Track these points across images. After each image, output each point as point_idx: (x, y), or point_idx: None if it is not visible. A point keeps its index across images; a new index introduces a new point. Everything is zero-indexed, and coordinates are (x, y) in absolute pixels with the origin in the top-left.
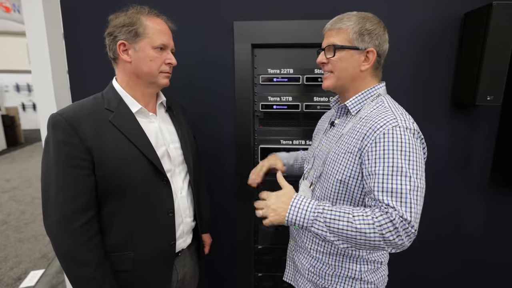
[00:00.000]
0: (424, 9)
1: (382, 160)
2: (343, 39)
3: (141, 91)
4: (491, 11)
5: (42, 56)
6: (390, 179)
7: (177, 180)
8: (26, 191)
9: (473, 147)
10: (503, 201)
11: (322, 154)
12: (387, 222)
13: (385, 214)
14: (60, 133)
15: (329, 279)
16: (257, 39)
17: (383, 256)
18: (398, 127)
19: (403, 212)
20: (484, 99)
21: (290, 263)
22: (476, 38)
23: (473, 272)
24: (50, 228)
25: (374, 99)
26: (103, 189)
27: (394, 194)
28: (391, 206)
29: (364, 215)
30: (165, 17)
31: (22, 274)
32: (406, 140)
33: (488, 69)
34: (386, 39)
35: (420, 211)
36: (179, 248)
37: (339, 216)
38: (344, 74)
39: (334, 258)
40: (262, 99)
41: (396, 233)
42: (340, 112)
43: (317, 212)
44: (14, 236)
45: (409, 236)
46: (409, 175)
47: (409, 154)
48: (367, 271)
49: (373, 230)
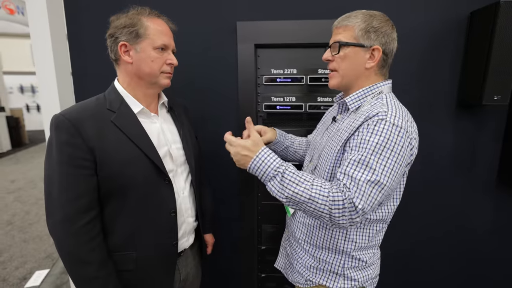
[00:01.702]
0: (430, 8)
1: (357, 148)
2: (349, 36)
3: (142, 91)
4: (498, 9)
5: (46, 57)
6: (355, 166)
7: (179, 180)
8: (31, 191)
9: (479, 147)
10: (511, 202)
11: (320, 147)
12: (339, 200)
13: (341, 192)
14: (63, 133)
15: (314, 272)
16: (260, 39)
17: (370, 256)
18: (384, 121)
19: (354, 197)
20: (491, 98)
21: (283, 252)
22: (482, 37)
23: (477, 270)
24: (53, 228)
25: (375, 96)
26: (105, 189)
27: (353, 179)
28: (347, 187)
29: (322, 186)
30: (165, 17)
31: (27, 274)
32: (387, 135)
33: (495, 68)
34: (394, 37)
35: (373, 204)
36: (182, 248)
37: (298, 181)
38: (348, 71)
39: (320, 251)
40: (266, 99)
41: (342, 212)
42: (341, 108)
43: (278, 171)
44: (19, 237)
45: (351, 220)
46: (374, 167)
47: (383, 148)
48: (350, 268)
49: (325, 202)
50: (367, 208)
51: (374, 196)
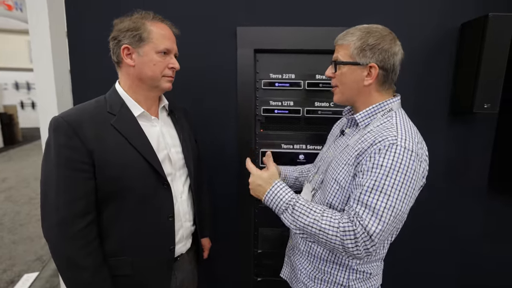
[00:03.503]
0: (424, 20)
1: (369, 173)
2: (345, 54)
3: (144, 95)
4: (487, 22)
5: (45, 54)
6: (369, 193)
7: (178, 184)
8: (23, 191)
9: (471, 154)
10: (502, 209)
11: (327, 160)
12: (350, 231)
13: (351, 222)
14: (62, 136)
15: (318, 283)
16: (259, 44)
17: (373, 267)
18: (395, 145)
19: (369, 225)
20: (481, 107)
21: (288, 261)
22: (473, 48)
23: (468, 278)
24: (49, 231)
25: (385, 113)
26: (103, 192)
27: (368, 207)
28: (360, 215)
29: (332, 217)
30: (169, 22)
31: (15, 277)
32: (399, 160)
33: (484, 78)
34: (393, 52)
35: (388, 231)
36: (179, 252)
37: (308, 213)
38: (347, 88)
39: (324, 264)
40: (264, 103)
41: (355, 243)
42: (350, 123)
43: (289, 204)
44: (8, 238)
45: (366, 250)
46: (389, 193)
47: (396, 173)
48: (355, 280)
49: (336, 234)
50: (380, 235)
51: (388, 221)
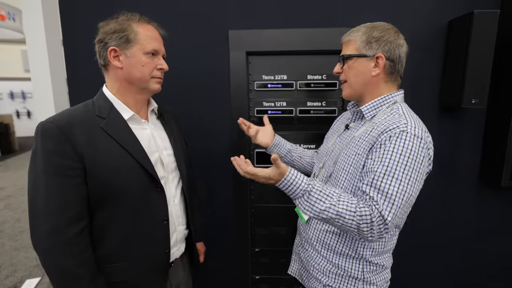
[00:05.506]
0: (414, 17)
1: (380, 159)
2: (352, 49)
3: (133, 97)
4: (472, 19)
5: (42, 63)
6: (381, 178)
7: (170, 187)
8: (22, 198)
9: (461, 149)
10: (492, 201)
11: (334, 154)
12: (367, 215)
13: (368, 207)
14: (50, 141)
15: (333, 277)
16: (251, 47)
17: (386, 259)
18: (406, 132)
19: (383, 210)
20: (469, 102)
21: (296, 258)
22: (460, 44)
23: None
24: (39, 241)
25: (390, 105)
26: (95, 198)
27: (381, 192)
28: (375, 200)
29: (349, 202)
30: (155, 23)
31: (17, 283)
32: (409, 146)
33: (472, 73)
34: (398, 44)
35: (401, 215)
36: (173, 257)
37: (325, 199)
38: (356, 81)
39: (337, 258)
40: (257, 104)
41: (370, 227)
42: (356, 116)
43: (306, 190)
44: (9, 245)
45: (380, 233)
46: (400, 178)
47: (407, 159)
48: (369, 272)
49: (353, 218)
50: (394, 219)
51: (400, 206)
